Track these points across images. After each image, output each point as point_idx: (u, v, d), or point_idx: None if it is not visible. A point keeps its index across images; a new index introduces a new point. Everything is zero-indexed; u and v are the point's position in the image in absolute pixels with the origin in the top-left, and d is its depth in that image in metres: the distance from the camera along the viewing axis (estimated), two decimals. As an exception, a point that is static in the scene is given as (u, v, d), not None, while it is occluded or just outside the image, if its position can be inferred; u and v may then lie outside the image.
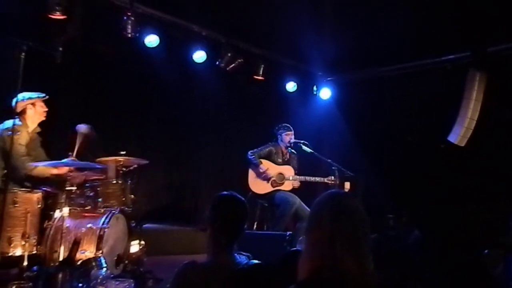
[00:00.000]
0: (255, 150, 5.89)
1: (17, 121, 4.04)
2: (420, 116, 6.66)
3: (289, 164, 5.96)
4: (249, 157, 5.83)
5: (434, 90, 6.51)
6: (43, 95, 4.22)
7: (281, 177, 5.83)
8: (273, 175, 5.81)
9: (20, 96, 4.10)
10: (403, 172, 6.68)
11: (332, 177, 5.74)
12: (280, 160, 5.93)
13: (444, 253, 2.29)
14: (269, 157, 5.90)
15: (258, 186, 5.80)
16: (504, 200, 5.10)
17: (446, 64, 6.48)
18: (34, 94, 4.21)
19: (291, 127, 5.99)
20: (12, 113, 4.05)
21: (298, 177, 5.88)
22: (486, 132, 6.06)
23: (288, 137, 5.93)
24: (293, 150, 6.04)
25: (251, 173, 5.84)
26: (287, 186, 5.83)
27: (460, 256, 2.32)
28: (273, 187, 5.80)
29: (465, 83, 6.18)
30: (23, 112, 4.18)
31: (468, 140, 6.13)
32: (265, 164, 5.82)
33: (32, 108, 4.22)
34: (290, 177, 5.85)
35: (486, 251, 3.04)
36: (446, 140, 6.25)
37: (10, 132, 3.90)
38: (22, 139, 4.13)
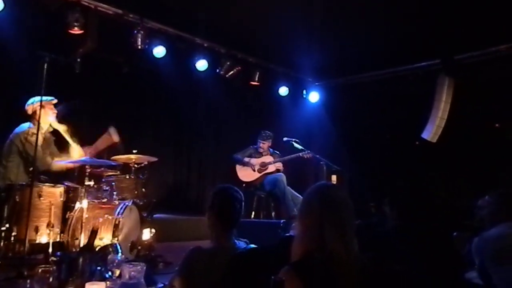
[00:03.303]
0: (238, 153, 6.08)
1: (31, 124, 4.02)
2: (397, 116, 6.67)
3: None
4: (234, 156, 6.04)
5: (409, 93, 6.55)
6: (52, 98, 4.08)
7: (264, 164, 5.98)
8: (256, 164, 5.96)
9: (31, 100, 4.07)
10: (383, 165, 6.71)
11: (307, 151, 5.81)
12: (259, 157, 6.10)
13: (419, 235, 2.30)
14: (250, 157, 6.07)
15: (247, 176, 5.95)
16: (470, 188, 5.13)
17: (419, 70, 6.52)
18: (43, 98, 4.02)
19: (269, 137, 6.03)
20: (25, 116, 4.05)
21: (278, 159, 6.01)
22: (455, 129, 6.10)
23: (265, 145, 6.03)
24: (276, 151, 6.12)
25: (237, 167, 6.02)
26: (271, 169, 5.97)
27: (432, 237, 2.34)
28: (260, 173, 5.93)
29: (436, 87, 6.21)
30: (34, 114, 4.05)
31: (439, 137, 6.17)
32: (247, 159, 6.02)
33: (42, 110, 4.04)
34: (271, 162, 5.98)
35: (454, 233, 3.06)
36: (420, 137, 6.28)
37: (26, 136, 3.91)
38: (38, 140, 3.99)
